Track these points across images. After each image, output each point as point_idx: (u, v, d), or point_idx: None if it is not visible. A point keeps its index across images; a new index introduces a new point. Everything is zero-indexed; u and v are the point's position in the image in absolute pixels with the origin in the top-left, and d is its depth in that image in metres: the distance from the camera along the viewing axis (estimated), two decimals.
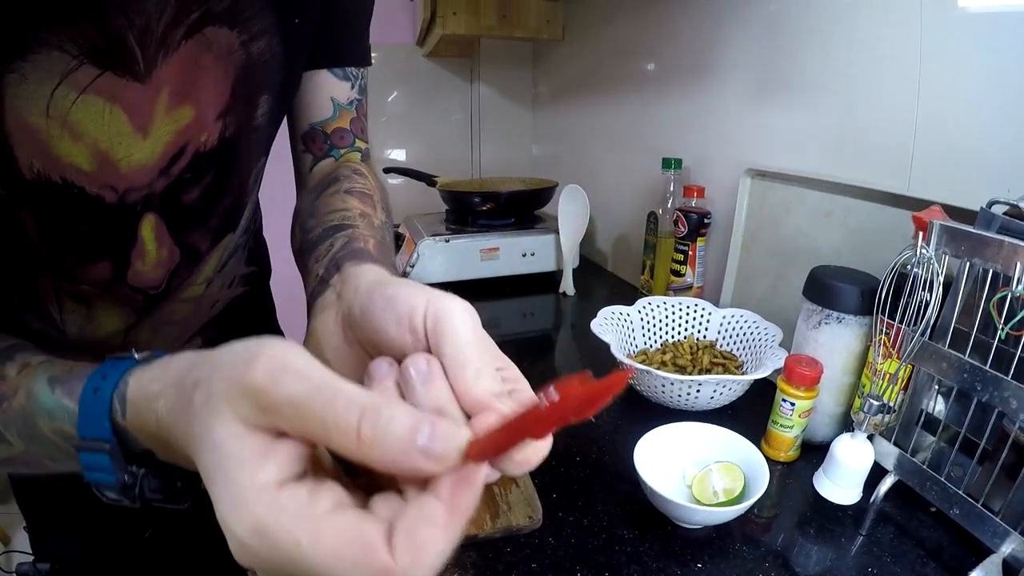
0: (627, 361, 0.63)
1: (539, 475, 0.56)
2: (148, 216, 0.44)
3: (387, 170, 1.30)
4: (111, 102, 0.36)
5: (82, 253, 0.42)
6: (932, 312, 0.47)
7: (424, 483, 0.19)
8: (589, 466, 0.59)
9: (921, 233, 0.48)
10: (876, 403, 0.48)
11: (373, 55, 0.57)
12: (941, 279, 0.46)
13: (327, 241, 0.41)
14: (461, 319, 0.24)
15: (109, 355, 0.27)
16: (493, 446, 0.19)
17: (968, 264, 0.46)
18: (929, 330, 0.48)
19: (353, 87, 0.53)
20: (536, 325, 1.02)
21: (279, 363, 0.19)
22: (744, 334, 0.75)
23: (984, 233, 0.44)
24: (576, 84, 1.41)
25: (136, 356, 0.26)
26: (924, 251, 0.47)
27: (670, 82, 1.03)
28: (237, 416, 0.19)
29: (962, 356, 0.45)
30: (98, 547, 0.59)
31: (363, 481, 0.22)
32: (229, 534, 0.18)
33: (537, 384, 0.22)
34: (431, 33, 1.40)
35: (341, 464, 0.23)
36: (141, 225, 0.44)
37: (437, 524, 0.18)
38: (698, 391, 0.62)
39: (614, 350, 0.64)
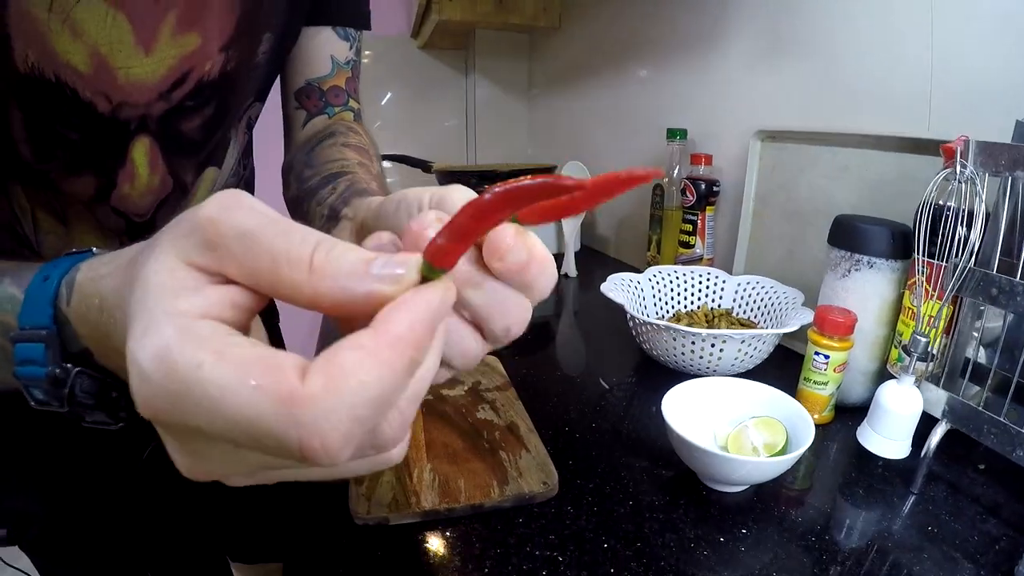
0: (640, 315, 0.58)
1: (551, 442, 0.51)
2: (142, 138, 0.43)
3: (382, 158, 1.26)
4: (115, 8, 0.36)
5: (67, 162, 0.41)
6: (977, 236, 0.43)
7: None
8: (606, 433, 0.54)
9: (959, 154, 0.44)
10: (923, 339, 0.43)
11: (367, 52, 0.59)
12: (983, 195, 0.42)
13: (328, 186, 0.41)
14: (461, 194, 0.22)
15: (65, 252, 0.24)
16: (449, 245, 0.17)
17: (1011, 179, 0.42)
18: (974, 257, 0.44)
19: (351, 48, 0.55)
20: (536, 310, 0.97)
21: (233, 198, 0.17)
22: (762, 300, 0.71)
23: None
24: (573, 71, 1.39)
25: (93, 249, 0.24)
26: (963, 169, 0.43)
27: (672, 57, 1.00)
28: (175, 251, 0.17)
29: (1013, 279, 0.41)
30: (57, 508, 0.55)
31: None
32: (132, 367, 0.15)
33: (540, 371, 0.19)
34: (426, 22, 1.38)
35: None
36: (133, 146, 0.43)
37: (362, 347, 0.15)
38: (721, 351, 0.57)
39: (629, 309, 0.60)
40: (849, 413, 0.56)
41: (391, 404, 0.16)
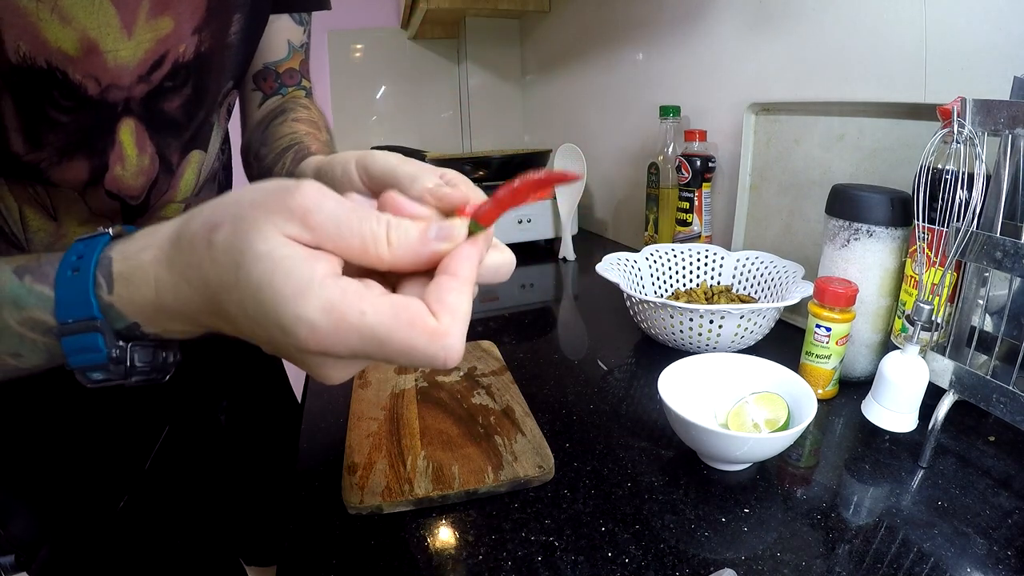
0: (635, 295, 0.57)
1: (548, 426, 0.50)
2: (127, 120, 0.44)
3: (375, 149, 1.25)
4: None
5: (59, 147, 0.42)
6: (978, 198, 0.41)
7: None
8: (604, 415, 0.53)
9: (956, 113, 0.42)
10: (927, 307, 0.42)
11: (358, 45, 0.61)
12: (983, 156, 0.40)
13: (279, 163, 0.45)
14: (382, 154, 0.29)
15: (76, 239, 0.26)
16: (491, 210, 0.24)
17: (1011, 137, 0.40)
18: (976, 220, 0.42)
19: (304, 31, 0.58)
20: (536, 296, 0.96)
21: (320, 190, 0.22)
22: (762, 275, 0.69)
23: None
24: (565, 55, 1.37)
25: (109, 231, 0.26)
26: (961, 129, 0.41)
27: (661, 34, 0.98)
28: (280, 232, 0.21)
29: (1018, 241, 0.39)
30: (67, 529, 0.54)
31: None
32: (298, 322, 0.20)
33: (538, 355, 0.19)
34: (415, 11, 1.36)
35: None
36: (120, 128, 0.44)
37: (456, 289, 0.22)
38: (720, 327, 0.56)
39: (625, 288, 0.59)
40: (854, 387, 0.55)
41: None
